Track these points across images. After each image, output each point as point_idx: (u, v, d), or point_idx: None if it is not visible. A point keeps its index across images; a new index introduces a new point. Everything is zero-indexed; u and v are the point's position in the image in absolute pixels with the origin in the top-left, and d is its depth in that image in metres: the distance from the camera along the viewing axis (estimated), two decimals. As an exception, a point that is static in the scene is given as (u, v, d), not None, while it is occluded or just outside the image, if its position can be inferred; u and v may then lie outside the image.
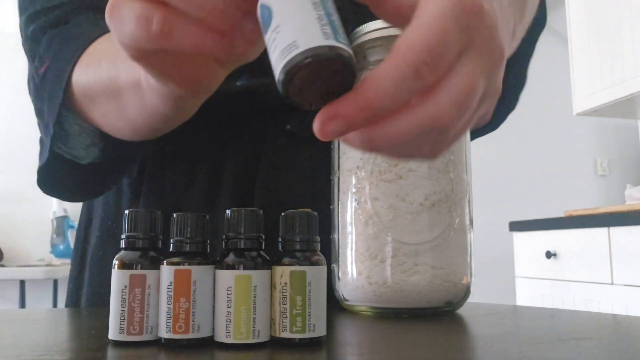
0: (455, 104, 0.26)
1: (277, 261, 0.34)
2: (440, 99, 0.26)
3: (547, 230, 2.12)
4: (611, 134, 3.10)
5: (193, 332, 0.33)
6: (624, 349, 0.35)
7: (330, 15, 0.25)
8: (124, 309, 0.34)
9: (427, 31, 0.25)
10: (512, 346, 0.35)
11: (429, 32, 0.25)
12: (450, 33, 0.25)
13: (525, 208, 2.75)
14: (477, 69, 0.27)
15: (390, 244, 0.47)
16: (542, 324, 0.43)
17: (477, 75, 0.27)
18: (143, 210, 0.35)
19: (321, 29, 0.24)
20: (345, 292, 0.49)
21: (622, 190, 2.46)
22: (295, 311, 0.33)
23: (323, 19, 0.24)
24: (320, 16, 0.24)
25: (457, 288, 0.48)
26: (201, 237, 0.35)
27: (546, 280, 2.13)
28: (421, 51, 0.24)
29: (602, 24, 2.32)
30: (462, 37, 0.26)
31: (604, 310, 1.82)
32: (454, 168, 0.49)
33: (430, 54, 0.24)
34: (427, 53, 0.24)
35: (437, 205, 0.47)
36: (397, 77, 0.24)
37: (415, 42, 0.25)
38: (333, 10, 0.25)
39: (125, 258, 0.34)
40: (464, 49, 0.26)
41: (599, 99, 2.33)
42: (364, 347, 0.38)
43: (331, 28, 0.24)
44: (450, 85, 0.26)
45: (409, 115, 0.25)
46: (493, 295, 1.78)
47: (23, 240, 2.79)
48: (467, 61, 0.26)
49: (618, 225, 1.82)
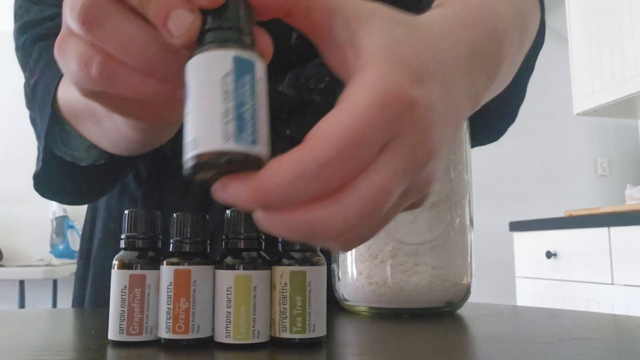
0: (357, 213, 0.23)
1: (277, 261, 0.34)
2: (343, 203, 0.23)
3: (548, 230, 2.12)
4: (611, 134, 3.10)
5: (193, 333, 0.33)
6: (624, 349, 0.35)
7: (241, 106, 0.23)
8: (124, 309, 0.34)
9: (343, 127, 0.22)
10: (512, 346, 0.34)
11: (345, 128, 0.22)
12: (370, 131, 0.22)
13: (525, 208, 2.75)
14: (397, 169, 0.24)
15: (390, 244, 0.47)
16: (543, 324, 0.43)
17: (395, 178, 0.24)
18: (143, 210, 0.35)
19: (222, 128, 0.22)
20: (345, 292, 0.49)
21: (623, 190, 2.46)
22: (295, 311, 0.33)
23: (229, 114, 0.23)
24: (226, 110, 0.23)
25: (458, 288, 0.48)
26: (201, 237, 0.35)
27: (546, 280, 2.13)
28: (331, 151, 0.22)
29: (602, 23, 2.32)
30: (384, 134, 0.23)
31: (604, 310, 1.82)
32: (455, 168, 0.49)
33: (341, 156, 0.22)
34: (337, 154, 0.22)
35: (437, 205, 0.47)
36: (296, 174, 0.22)
37: (325, 140, 0.22)
38: (249, 95, 0.23)
39: (125, 258, 0.34)
40: (387, 144, 0.23)
41: (599, 99, 2.33)
42: (364, 347, 0.38)
43: (236, 125, 0.22)
44: (358, 190, 0.23)
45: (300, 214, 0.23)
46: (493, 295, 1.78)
47: (23, 240, 2.79)
48: (385, 161, 0.23)
49: (618, 225, 1.82)
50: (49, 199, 0.58)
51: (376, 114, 0.23)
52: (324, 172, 0.22)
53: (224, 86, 0.23)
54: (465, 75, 0.30)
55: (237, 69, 0.23)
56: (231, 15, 0.25)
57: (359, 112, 0.22)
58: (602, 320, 0.48)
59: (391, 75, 0.24)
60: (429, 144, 0.25)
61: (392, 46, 0.25)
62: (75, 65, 0.27)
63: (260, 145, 0.23)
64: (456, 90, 0.29)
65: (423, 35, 0.28)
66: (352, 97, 0.23)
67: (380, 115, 0.23)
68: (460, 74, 0.30)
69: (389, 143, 0.24)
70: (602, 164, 3.09)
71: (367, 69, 0.24)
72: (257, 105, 0.23)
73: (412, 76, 0.25)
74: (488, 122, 0.60)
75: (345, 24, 0.26)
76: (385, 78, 0.24)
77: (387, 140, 0.23)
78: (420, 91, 0.25)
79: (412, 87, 0.24)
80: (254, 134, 0.23)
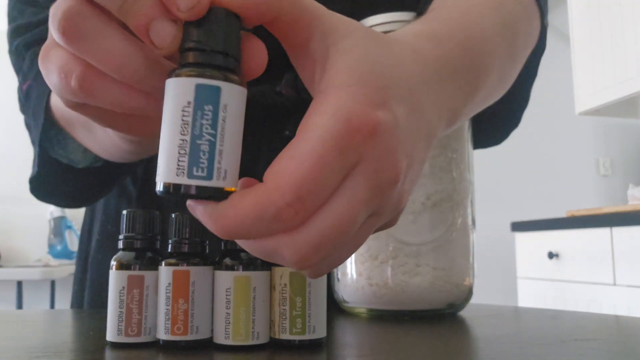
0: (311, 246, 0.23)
1: (277, 262, 0.34)
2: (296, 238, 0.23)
3: (549, 231, 2.12)
4: (614, 134, 3.10)
5: (192, 334, 0.33)
6: (626, 350, 0.35)
7: (197, 139, 0.23)
8: (122, 310, 0.33)
9: (300, 166, 0.22)
10: (513, 347, 0.34)
11: (302, 168, 0.22)
12: (330, 166, 0.22)
13: (527, 208, 2.74)
14: (358, 198, 0.23)
15: (391, 245, 0.46)
16: (544, 325, 0.43)
17: (357, 207, 0.23)
18: (141, 210, 0.35)
19: (177, 161, 0.23)
20: (345, 293, 0.49)
21: (625, 190, 2.45)
22: (295, 312, 0.33)
23: (184, 147, 0.23)
24: (182, 143, 0.23)
25: (460, 289, 0.48)
26: (200, 238, 0.34)
27: (548, 281, 2.12)
28: (287, 195, 0.22)
29: (604, 22, 2.31)
30: (344, 165, 0.23)
31: (606, 311, 1.82)
32: (457, 167, 0.48)
33: (299, 198, 0.22)
34: (295, 197, 0.22)
35: (439, 205, 0.47)
36: (256, 217, 0.22)
37: (283, 183, 0.22)
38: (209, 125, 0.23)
39: (123, 259, 0.34)
40: (349, 173, 0.23)
41: (602, 98, 2.33)
42: (365, 349, 0.37)
43: (188, 159, 0.23)
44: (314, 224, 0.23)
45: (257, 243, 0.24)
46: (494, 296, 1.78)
47: (20, 240, 2.79)
48: (346, 191, 0.23)
49: (620, 225, 1.81)
50: (46, 203, 0.58)
51: (334, 147, 0.22)
52: (283, 214, 0.22)
53: (184, 117, 0.23)
54: (436, 92, 0.30)
55: (197, 98, 0.23)
56: (210, 32, 0.24)
57: (317, 146, 0.22)
58: (604, 321, 0.47)
59: (351, 101, 0.23)
60: (393, 168, 0.24)
61: (357, 66, 0.25)
62: (56, 76, 0.26)
63: (216, 179, 0.23)
64: (426, 107, 0.28)
65: (392, 53, 0.27)
66: (311, 128, 0.23)
67: (339, 148, 0.22)
68: (430, 90, 0.29)
69: (352, 171, 0.23)
70: (604, 163, 3.08)
71: (328, 92, 0.24)
72: (221, 134, 0.23)
73: (376, 97, 0.24)
74: (491, 127, 0.60)
75: (322, 37, 0.26)
76: (345, 105, 0.23)
77: (349, 169, 0.23)
78: (384, 113, 0.24)
79: (375, 110, 0.24)
80: (209, 168, 0.23)
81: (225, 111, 0.23)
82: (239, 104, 0.24)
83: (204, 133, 0.23)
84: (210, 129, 0.23)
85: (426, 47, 0.31)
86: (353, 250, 0.27)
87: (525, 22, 0.45)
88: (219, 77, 0.23)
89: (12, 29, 0.54)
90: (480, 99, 0.37)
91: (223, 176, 0.23)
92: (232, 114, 0.24)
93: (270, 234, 0.23)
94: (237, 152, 0.24)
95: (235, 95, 0.24)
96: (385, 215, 0.26)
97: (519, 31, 0.43)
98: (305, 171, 0.22)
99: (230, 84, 0.24)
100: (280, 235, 0.23)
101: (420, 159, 0.28)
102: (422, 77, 0.29)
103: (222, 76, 0.23)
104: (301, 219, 0.23)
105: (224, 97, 0.23)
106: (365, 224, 0.25)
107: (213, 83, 0.23)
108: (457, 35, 0.34)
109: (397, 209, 0.27)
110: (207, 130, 0.23)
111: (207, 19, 0.24)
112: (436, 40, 0.32)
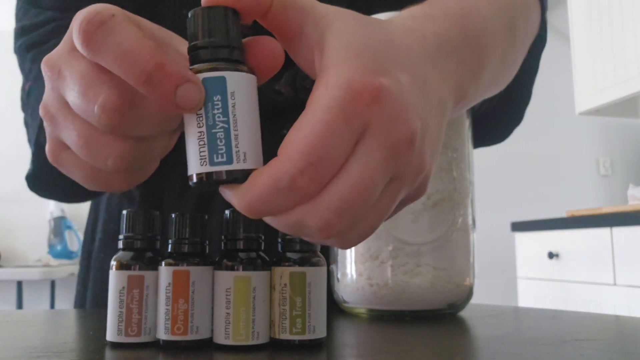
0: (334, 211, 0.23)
1: (277, 262, 0.34)
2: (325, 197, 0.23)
3: (549, 231, 2.12)
4: (614, 134, 3.09)
5: (191, 334, 0.33)
6: (626, 350, 0.35)
7: (212, 128, 0.25)
8: (122, 310, 0.33)
9: (309, 134, 0.23)
10: (513, 348, 0.34)
11: (311, 135, 0.23)
12: (337, 131, 0.23)
13: (527, 208, 2.74)
14: (374, 160, 0.24)
15: (391, 244, 0.46)
16: (544, 325, 0.43)
17: (374, 169, 0.24)
18: (141, 210, 0.35)
19: (199, 152, 0.25)
20: (344, 293, 0.49)
21: (625, 190, 2.45)
22: (295, 312, 0.33)
23: (203, 138, 0.25)
24: (200, 135, 0.25)
25: (460, 289, 0.47)
26: (200, 238, 0.34)
27: (548, 281, 2.12)
28: (300, 163, 0.23)
29: (604, 22, 2.31)
30: (353, 130, 0.23)
31: (607, 311, 1.82)
32: (457, 166, 0.48)
33: (312, 164, 0.23)
34: (307, 164, 0.23)
35: (439, 205, 0.47)
36: (273, 189, 0.23)
37: (294, 152, 0.23)
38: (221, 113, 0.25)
39: (123, 259, 0.34)
40: (360, 137, 0.24)
41: (602, 98, 2.32)
42: (365, 349, 0.37)
43: (208, 148, 0.25)
44: (334, 189, 0.23)
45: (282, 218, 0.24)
46: (495, 296, 1.78)
47: (20, 240, 2.79)
48: (361, 154, 0.24)
49: (621, 225, 1.81)
50: (46, 198, 0.58)
51: (339, 113, 0.23)
52: (298, 182, 0.23)
53: (198, 111, 0.25)
54: (439, 66, 0.30)
55: (206, 91, 0.25)
56: (210, 30, 0.25)
57: (322, 115, 0.23)
58: (604, 321, 0.47)
59: (352, 71, 0.24)
60: (404, 128, 0.24)
61: (354, 43, 0.26)
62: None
63: (237, 162, 0.25)
64: (431, 79, 0.28)
65: (386, 32, 0.28)
66: (315, 100, 0.24)
67: (344, 114, 0.23)
68: (432, 64, 0.29)
69: (362, 136, 0.24)
70: (604, 163, 3.08)
71: (329, 69, 0.25)
72: (233, 120, 0.25)
73: (376, 67, 0.25)
74: (494, 124, 0.60)
75: (315, 24, 0.27)
76: (346, 74, 0.24)
77: (359, 134, 0.24)
78: (385, 79, 0.25)
79: (376, 76, 0.24)
80: (228, 153, 0.25)
81: (234, 98, 0.25)
82: (248, 90, 0.25)
83: (217, 122, 0.25)
84: (222, 117, 0.25)
85: (423, 25, 0.31)
86: (380, 220, 0.27)
87: (525, 9, 0.46)
88: (222, 68, 0.25)
89: (16, 29, 0.55)
90: (486, 80, 0.37)
91: (243, 159, 0.25)
92: (241, 99, 0.25)
93: (291, 206, 0.24)
94: (255, 134, 0.25)
95: (242, 82, 0.25)
96: (407, 180, 0.26)
97: (518, 16, 0.43)
98: (313, 138, 0.23)
99: (234, 73, 0.25)
100: (303, 206, 0.24)
101: (436, 125, 0.28)
102: (423, 52, 0.29)
103: (225, 67, 0.25)
104: (317, 186, 0.23)
105: (230, 86, 0.25)
106: (388, 190, 0.26)
107: (217, 74, 0.25)
108: (454, 16, 0.34)
109: (420, 176, 0.27)
110: (220, 118, 0.25)
111: (206, 17, 0.25)
112: (432, 20, 0.32)
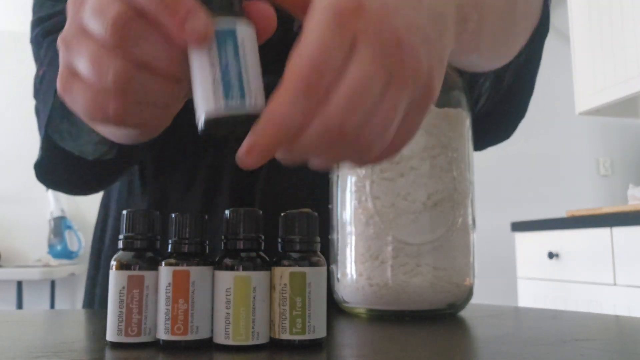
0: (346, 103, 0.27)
1: (277, 262, 0.34)
2: (333, 100, 0.27)
3: (549, 231, 2.12)
4: (614, 134, 3.09)
5: (192, 334, 0.33)
6: (626, 350, 0.35)
7: (227, 74, 0.28)
8: (122, 310, 0.33)
9: (308, 47, 0.26)
10: (513, 348, 0.34)
11: (309, 47, 0.26)
12: (328, 43, 0.26)
13: (527, 208, 2.74)
14: (366, 60, 0.27)
15: (391, 244, 0.46)
16: (544, 326, 0.43)
17: (367, 68, 0.27)
18: (141, 210, 0.35)
19: (214, 92, 0.27)
20: (344, 294, 0.49)
21: (625, 190, 2.45)
22: (295, 312, 0.33)
23: (217, 80, 0.27)
24: (215, 77, 0.27)
25: (460, 290, 0.47)
26: (200, 238, 0.34)
27: (548, 281, 2.12)
28: (306, 71, 0.26)
29: (604, 22, 2.31)
30: (343, 41, 0.27)
31: (607, 311, 1.82)
32: (457, 166, 0.48)
33: (315, 69, 0.26)
34: (312, 70, 0.26)
35: (439, 205, 0.47)
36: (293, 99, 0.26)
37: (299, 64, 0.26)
38: (232, 59, 0.28)
39: (123, 259, 0.34)
40: (352, 47, 0.27)
41: (602, 98, 2.32)
42: (365, 349, 0.37)
43: (223, 88, 0.27)
44: (341, 87, 0.27)
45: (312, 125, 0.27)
46: (495, 296, 1.78)
47: (20, 240, 2.79)
48: (354, 59, 0.27)
49: (621, 225, 1.81)
50: (52, 189, 0.59)
51: (329, 29, 0.26)
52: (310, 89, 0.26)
53: (211, 58, 0.28)
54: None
55: (219, 40, 0.28)
56: None
57: (314, 36, 0.26)
58: (604, 321, 0.47)
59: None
60: (390, 30, 0.27)
61: None
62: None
63: (249, 98, 0.28)
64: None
65: None
66: (305, 30, 0.27)
67: (333, 28, 0.26)
68: None
69: (354, 45, 0.27)
70: (604, 163, 3.08)
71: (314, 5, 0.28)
72: (244, 66, 0.28)
73: None
74: (499, 120, 0.60)
75: None
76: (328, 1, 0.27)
77: (350, 44, 0.27)
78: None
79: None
80: (241, 90, 0.27)
81: (244, 45, 0.28)
82: (252, 40, 0.29)
83: (229, 66, 0.28)
84: (234, 62, 0.28)
85: None
86: (389, 124, 0.29)
87: None
88: (232, 22, 0.28)
89: (33, 21, 0.56)
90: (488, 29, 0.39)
91: (254, 99, 0.28)
92: (249, 47, 0.28)
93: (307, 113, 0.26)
94: (260, 80, 0.28)
95: (248, 33, 0.29)
96: (404, 82, 0.28)
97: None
98: (311, 52, 0.26)
99: (241, 25, 0.29)
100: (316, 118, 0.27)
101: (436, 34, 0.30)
102: None
103: (234, 20, 0.29)
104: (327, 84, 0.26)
105: (240, 35, 0.28)
106: (388, 93, 0.28)
107: (228, 26, 0.28)
108: None
109: (420, 79, 0.29)
110: (232, 62, 0.28)
111: None
112: None
